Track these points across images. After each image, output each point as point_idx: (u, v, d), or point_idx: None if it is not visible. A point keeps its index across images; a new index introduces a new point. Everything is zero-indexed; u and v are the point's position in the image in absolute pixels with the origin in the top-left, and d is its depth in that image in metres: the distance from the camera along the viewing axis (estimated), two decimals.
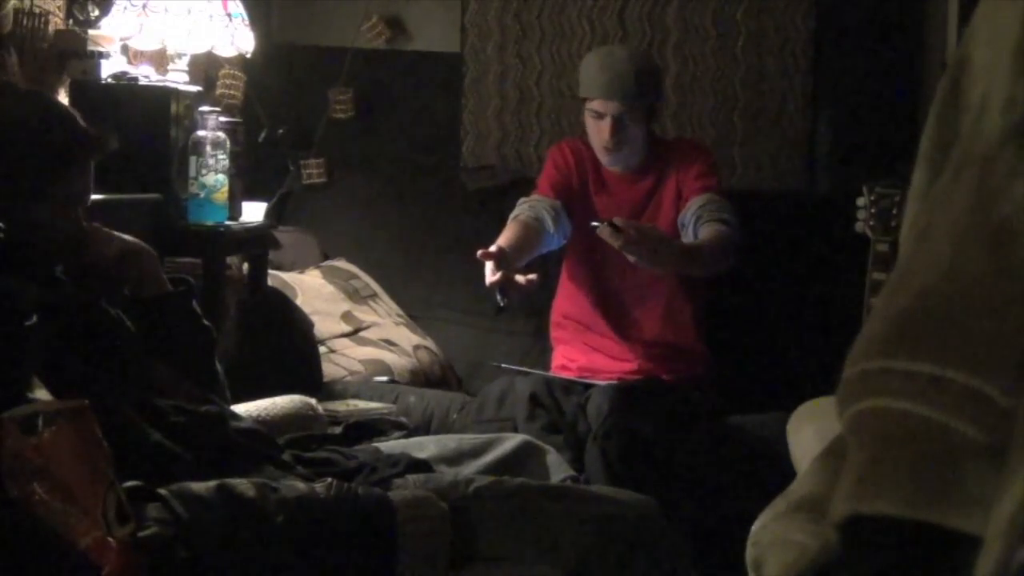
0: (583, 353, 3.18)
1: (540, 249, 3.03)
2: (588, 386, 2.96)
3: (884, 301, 0.63)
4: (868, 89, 3.74)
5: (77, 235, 1.99)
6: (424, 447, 2.20)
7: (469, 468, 2.15)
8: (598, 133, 3.06)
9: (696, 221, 2.99)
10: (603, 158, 3.12)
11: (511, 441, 2.27)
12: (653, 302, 3.11)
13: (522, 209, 3.06)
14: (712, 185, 3.08)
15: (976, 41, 0.63)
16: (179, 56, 3.07)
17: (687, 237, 3.01)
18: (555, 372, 3.18)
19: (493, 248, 2.69)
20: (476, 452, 2.22)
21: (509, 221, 3.02)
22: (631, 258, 2.74)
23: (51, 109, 2.00)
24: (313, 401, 2.49)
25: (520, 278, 2.65)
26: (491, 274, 2.63)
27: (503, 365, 3.06)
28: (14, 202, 1.88)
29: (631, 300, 3.14)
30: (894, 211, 2.65)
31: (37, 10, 2.82)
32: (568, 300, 3.22)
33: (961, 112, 0.63)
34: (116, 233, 2.09)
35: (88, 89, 2.86)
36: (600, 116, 3.04)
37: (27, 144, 1.89)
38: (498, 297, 2.62)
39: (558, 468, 2.28)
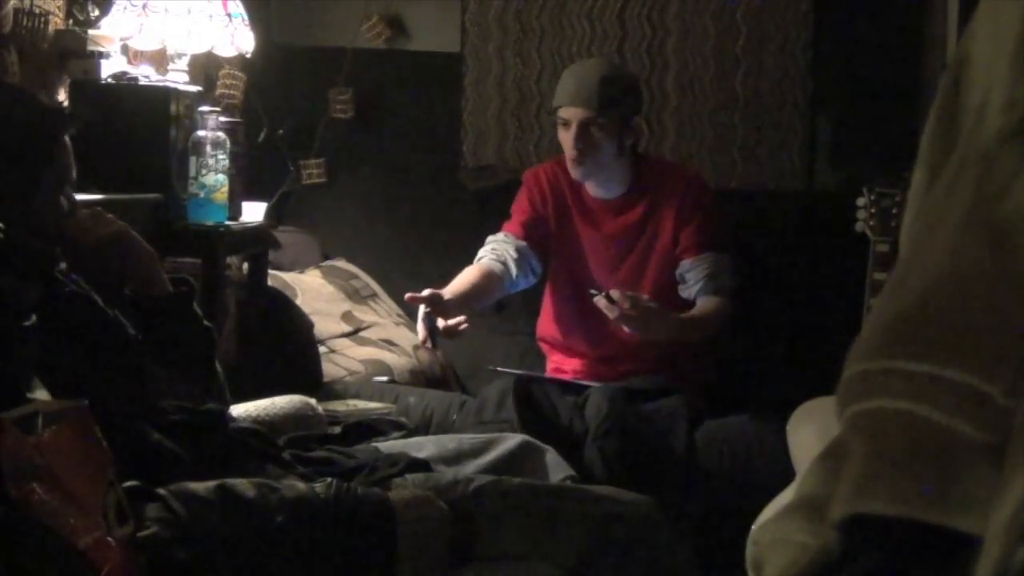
0: (573, 359, 3.17)
1: (501, 293, 3.11)
2: (586, 387, 2.95)
3: (884, 301, 0.63)
4: (868, 89, 3.74)
5: (71, 214, 2.00)
6: (423, 447, 2.20)
7: (468, 468, 2.15)
8: (565, 143, 3.02)
9: (699, 288, 3.01)
10: (572, 171, 3.04)
11: (510, 441, 2.27)
12: None
13: (486, 252, 3.09)
14: (717, 241, 3.03)
15: (976, 41, 0.63)
16: (179, 56, 3.07)
17: (685, 293, 3.04)
18: (551, 375, 3.17)
19: (426, 292, 2.72)
20: (475, 452, 2.22)
21: (474, 263, 3.06)
22: (624, 328, 2.78)
23: (15, 95, 2.01)
24: (313, 401, 2.49)
25: (441, 323, 2.72)
26: (421, 318, 2.73)
27: (499, 368, 3.05)
28: (10, 192, 1.88)
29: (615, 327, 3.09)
30: (894, 211, 2.65)
31: (37, 10, 2.82)
32: (550, 324, 3.21)
33: (961, 112, 0.63)
34: (119, 221, 2.10)
35: (88, 89, 2.85)
36: (566, 124, 3.00)
37: (12, 135, 1.90)
38: (428, 343, 2.76)
39: (557, 468, 2.28)
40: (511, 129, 3.98)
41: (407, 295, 2.73)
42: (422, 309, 2.72)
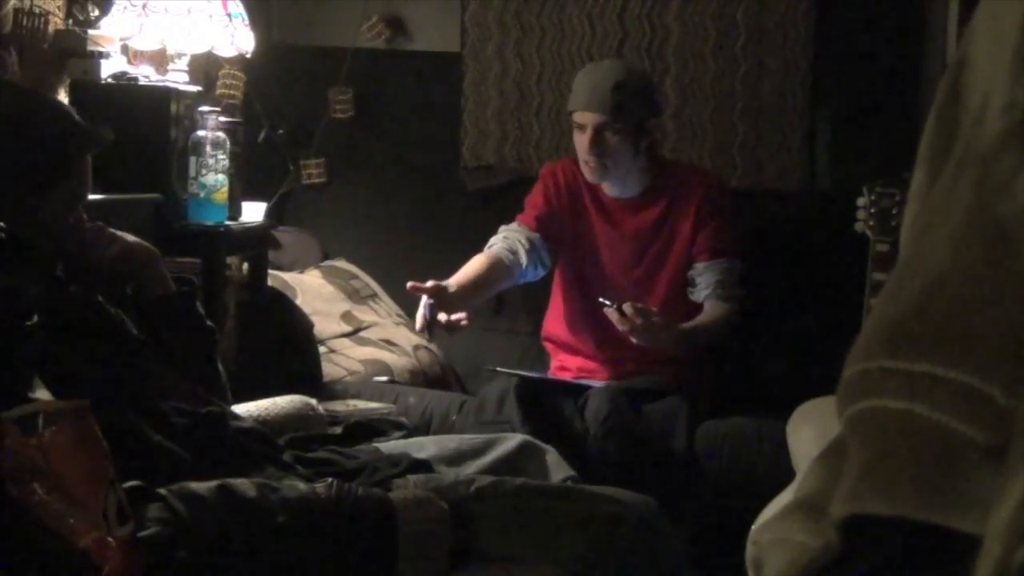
0: (578, 358, 3.17)
1: (508, 284, 3.09)
2: (586, 387, 2.95)
3: (884, 301, 0.63)
4: (868, 89, 3.74)
5: (78, 232, 2.00)
6: (424, 447, 2.20)
7: (469, 468, 2.15)
8: (580, 146, 3.03)
9: (709, 294, 3.03)
10: (587, 174, 3.05)
11: (511, 441, 2.27)
12: None
13: (497, 240, 3.08)
14: (731, 247, 3.06)
15: (976, 42, 0.63)
16: (179, 56, 3.07)
17: (694, 296, 3.06)
18: (553, 375, 3.17)
19: (429, 283, 2.70)
20: (476, 452, 2.22)
21: (484, 251, 3.04)
22: (633, 339, 2.82)
23: (48, 106, 2.01)
24: (313, 401, 2.49)
25: (443, 317, 2.68)
26: (422, 308, 2.69)
27: (499, 369, 3.05)
28: (18, 200, 1.88)
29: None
30: (894, 211, 2.65)
31: (37, 10, 2.82)
32: (557, 322, 3.21)
33: (961, 112, 0.63)
34: (120, 233, 2.09)
35: (88, 89, 2.85)
36: (582, 128, 3.01)
37: (28, 141, 1.90)
38: (426, 335, 2.74)
39: (558, 468, 2.28)
40: (511, 129, 3.98)
41: (409, 284, 2.70)
42: (424, 299, 2.70)
